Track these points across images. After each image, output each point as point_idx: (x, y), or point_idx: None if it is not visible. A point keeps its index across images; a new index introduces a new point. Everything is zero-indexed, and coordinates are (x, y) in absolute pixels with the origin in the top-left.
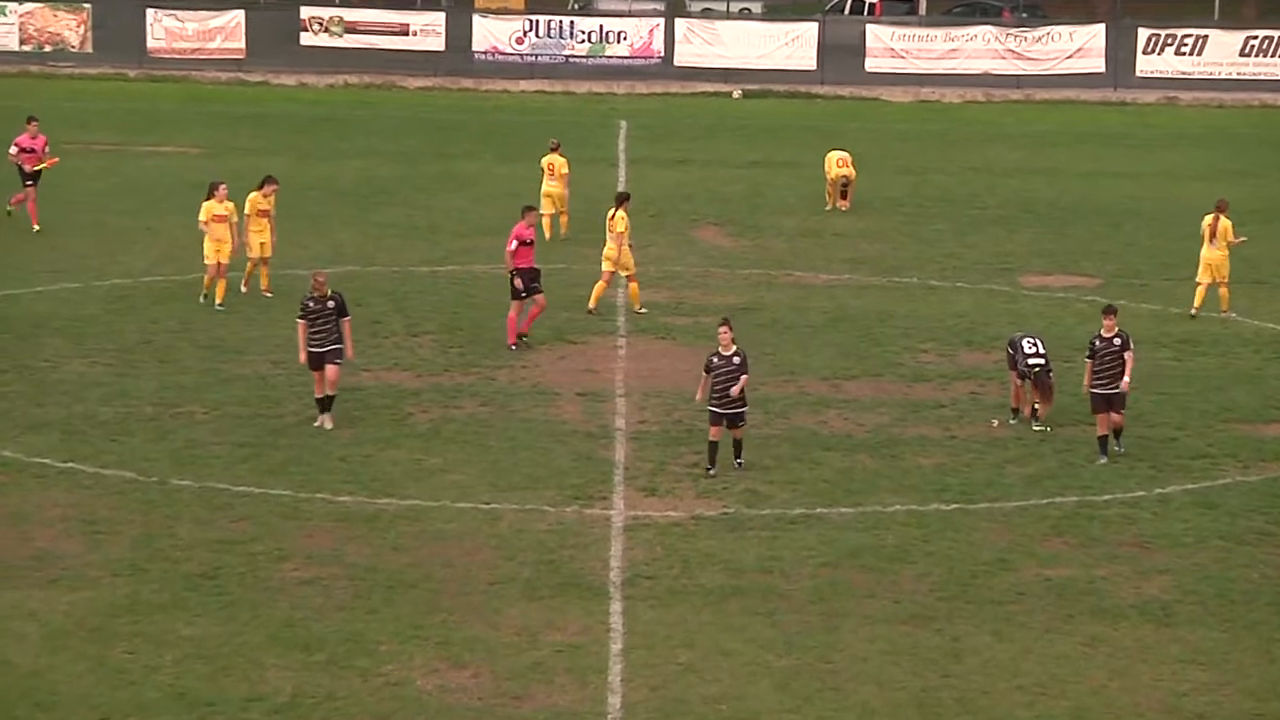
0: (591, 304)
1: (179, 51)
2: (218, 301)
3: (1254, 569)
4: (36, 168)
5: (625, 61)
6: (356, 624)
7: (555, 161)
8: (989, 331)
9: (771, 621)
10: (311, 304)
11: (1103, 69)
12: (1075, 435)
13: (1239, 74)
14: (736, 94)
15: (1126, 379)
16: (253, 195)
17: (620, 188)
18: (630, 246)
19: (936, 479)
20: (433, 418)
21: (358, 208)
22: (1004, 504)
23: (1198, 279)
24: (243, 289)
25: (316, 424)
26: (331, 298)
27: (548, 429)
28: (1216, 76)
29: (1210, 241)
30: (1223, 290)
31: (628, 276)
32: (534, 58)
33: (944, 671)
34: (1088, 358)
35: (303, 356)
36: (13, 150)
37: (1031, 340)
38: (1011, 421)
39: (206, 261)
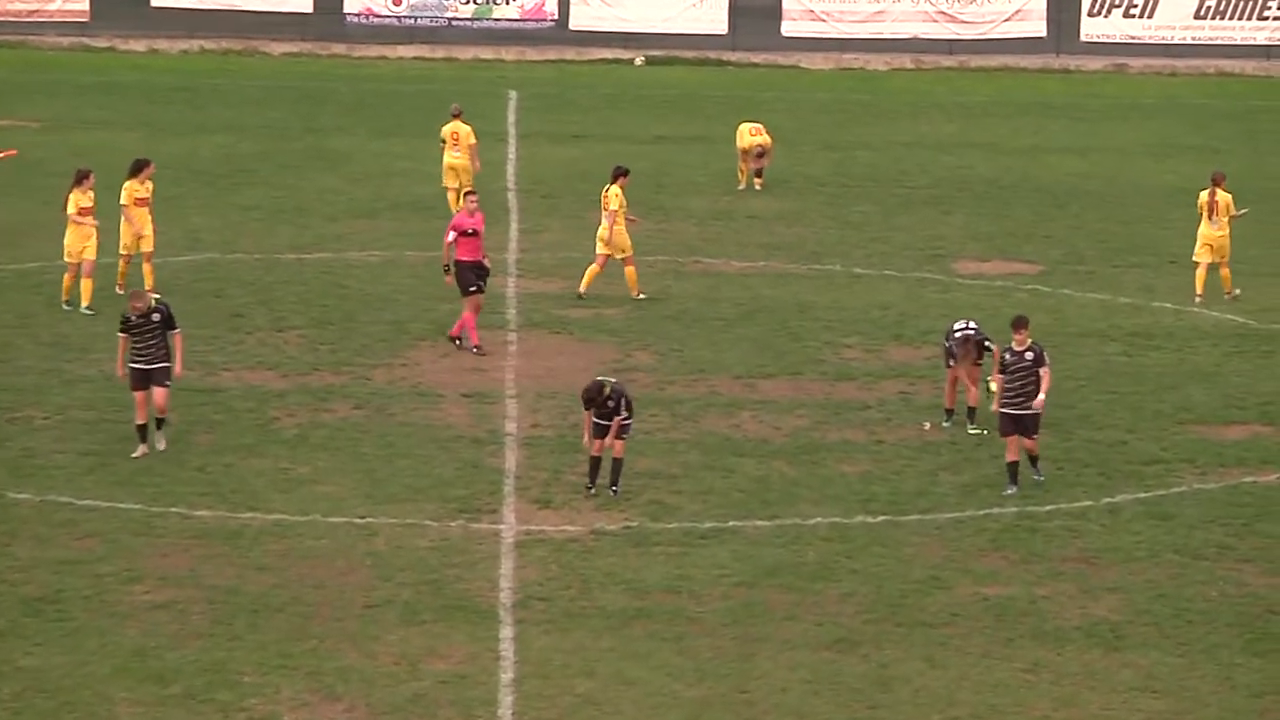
0: (582, 287)
1: (14, 14)
2: (84, 304)
3: (1212, 586)
4: None
5: (515, 25)
6: (216, 653)
7: (459, 130)
8: (920, 324)
9: (680, 647)
10: (133, 317)
11: (1044, 33)
12: None
13: (1194, 38)
14: (639, 61)
15: (1041, 397)
16: (128, 184)
17: (510, 165)
18: (630, 223)
19: (862, 488)
20: (300, 422)
21: (216, 188)
22: (937, 516)
23: (1195, 258)
24: (118, 289)
25: (136, 454)
26: (156, 309)
27: (429, 434)
28: (1169, 41)
29: (1210, 218)
30: (1224, 270)
31: (623, 260)
32: (413, 20)
33: (871, 702)
34: (998, 373)
35: (121, 372)
36: None
37: (962, 323)
38: (945, 424)
39: (68, 260)
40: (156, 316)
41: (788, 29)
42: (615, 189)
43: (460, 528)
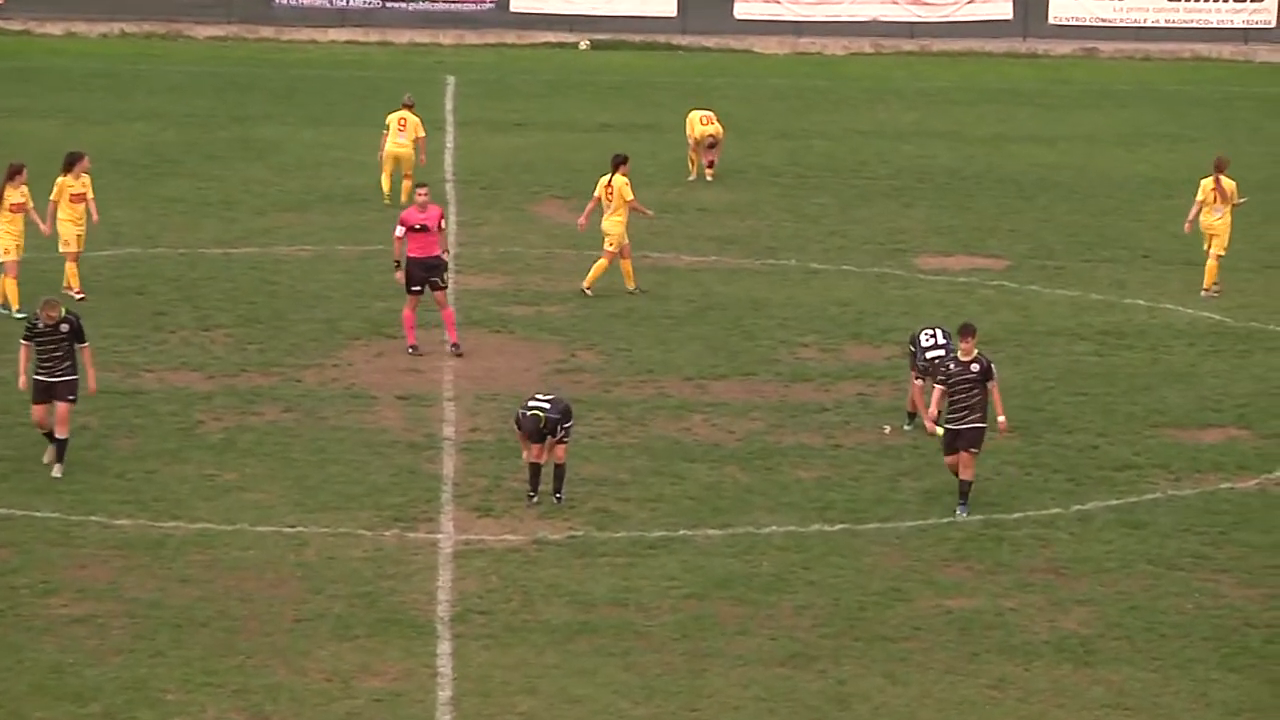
0: (629, 284)
1: None
2: (12, 305)
3: (1187, 598)
4: None
5: (452, 6)
6: (138, 669)
7: (409, 119)
8: (879, 322)
9: (627, 663)
10: (42, 325)
11: (1010, 15)
12: None
13: (1167, 21)
14: (584, 45)
15: (1002, 418)
16: (60, 179)
17: (448, 154)
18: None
19: (819, 495)
20: (227, 426)
21: (138, 179)
22: (898, 524)
23: (1207, 248)
24: (78, 295)
25: (46, 460)
26: (65, 320)
27: (363, 439)
28: (1142, 24)
29: (1216, 205)
30: (1212, 262)
31: (608, 251)
32: (345, 2)
33: None
34: (939, 382)
35: (23, 382)
36: None
37: (930, 333)
38: (906, 428)
39: (5, 259)
40: (65, 328)
41: (740, 11)
42: (622, 179)
43: (395, 537)
